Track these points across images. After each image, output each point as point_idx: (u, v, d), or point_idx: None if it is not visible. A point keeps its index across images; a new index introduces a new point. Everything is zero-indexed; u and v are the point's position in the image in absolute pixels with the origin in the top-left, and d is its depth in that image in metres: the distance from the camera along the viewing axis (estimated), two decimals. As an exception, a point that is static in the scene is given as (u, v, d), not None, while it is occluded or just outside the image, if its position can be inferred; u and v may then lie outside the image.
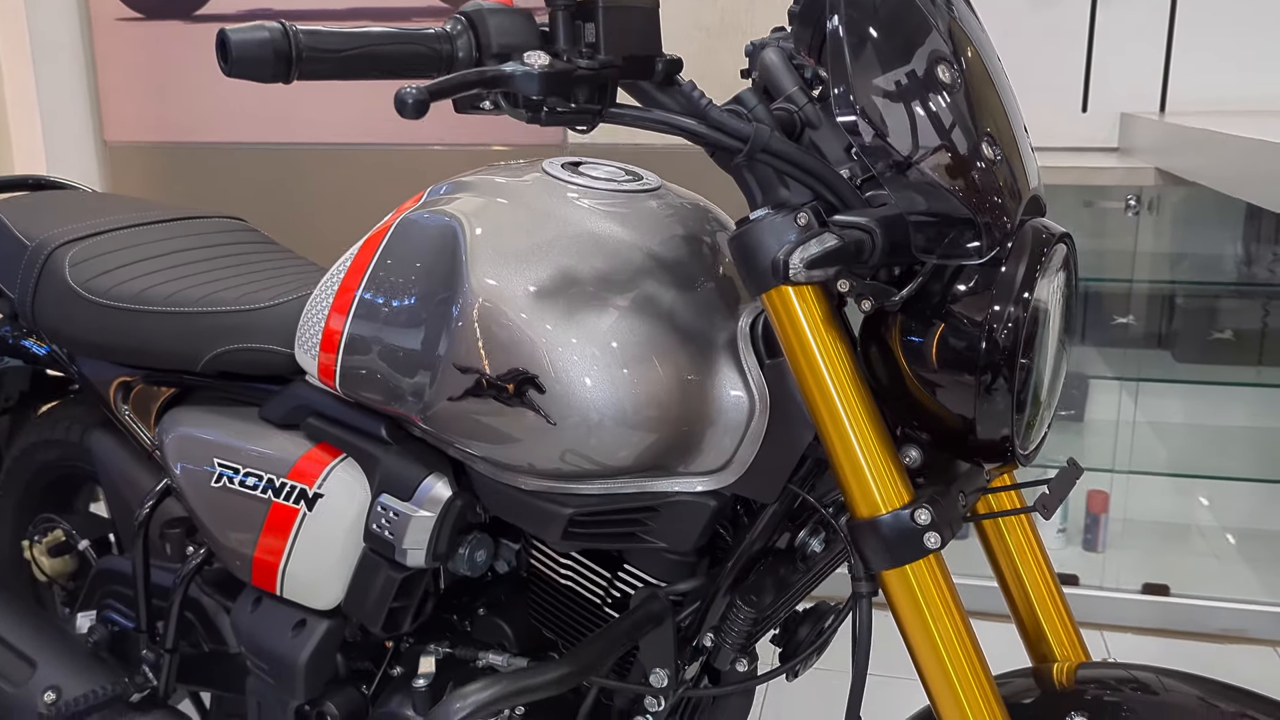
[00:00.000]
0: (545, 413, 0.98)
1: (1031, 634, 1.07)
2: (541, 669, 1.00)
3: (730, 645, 1.02)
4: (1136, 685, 0.95)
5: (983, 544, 1.08)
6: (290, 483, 1.25)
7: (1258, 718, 0.91)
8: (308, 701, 1.28)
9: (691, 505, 1.03)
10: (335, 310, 1.18)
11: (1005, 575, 1.07)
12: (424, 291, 1.07)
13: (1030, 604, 1.06)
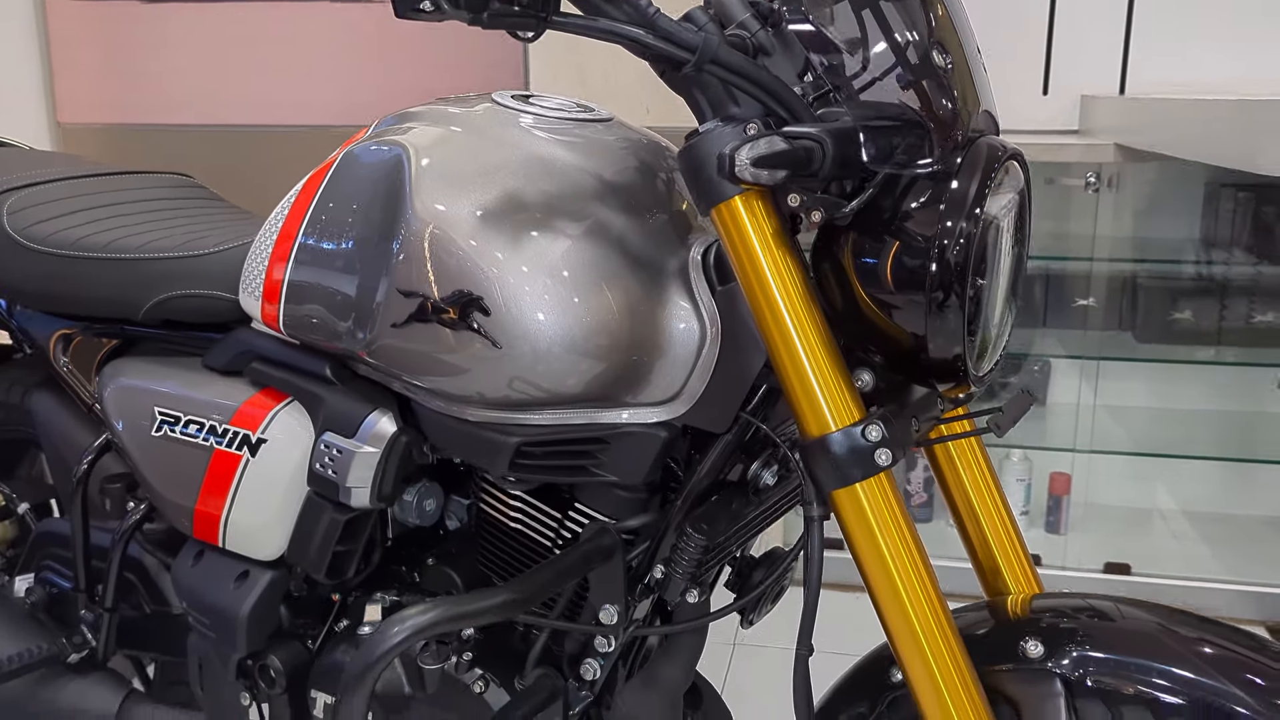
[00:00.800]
0: (491, 336, 0.96)
1: (986, 568, 1.05)
2: (485, 594, 0.97)
3: (680, 574, 1.00)
4: (1093, 613, 0.94)
5: (936, 476, 1.07)
6: (233, 429, 1.21)
7: (1217, 643, 0.90)
8: (250, 655, 1.24)
9: (642, 437, 1.00)
10: (279, 248, 1.15)
11: (959, 508, 1.05)
12: (369, 220, 1.05)
13: (984, 537, 1.05)
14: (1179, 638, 0.90)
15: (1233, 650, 0.88)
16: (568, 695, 1.10)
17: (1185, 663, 0.87)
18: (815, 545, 0.92)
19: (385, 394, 1.10)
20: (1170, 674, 0.87)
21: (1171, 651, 0.88)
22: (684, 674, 1.08)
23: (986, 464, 1.06)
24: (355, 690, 0.91)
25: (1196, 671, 0.87)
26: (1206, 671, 0.87)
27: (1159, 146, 1.92)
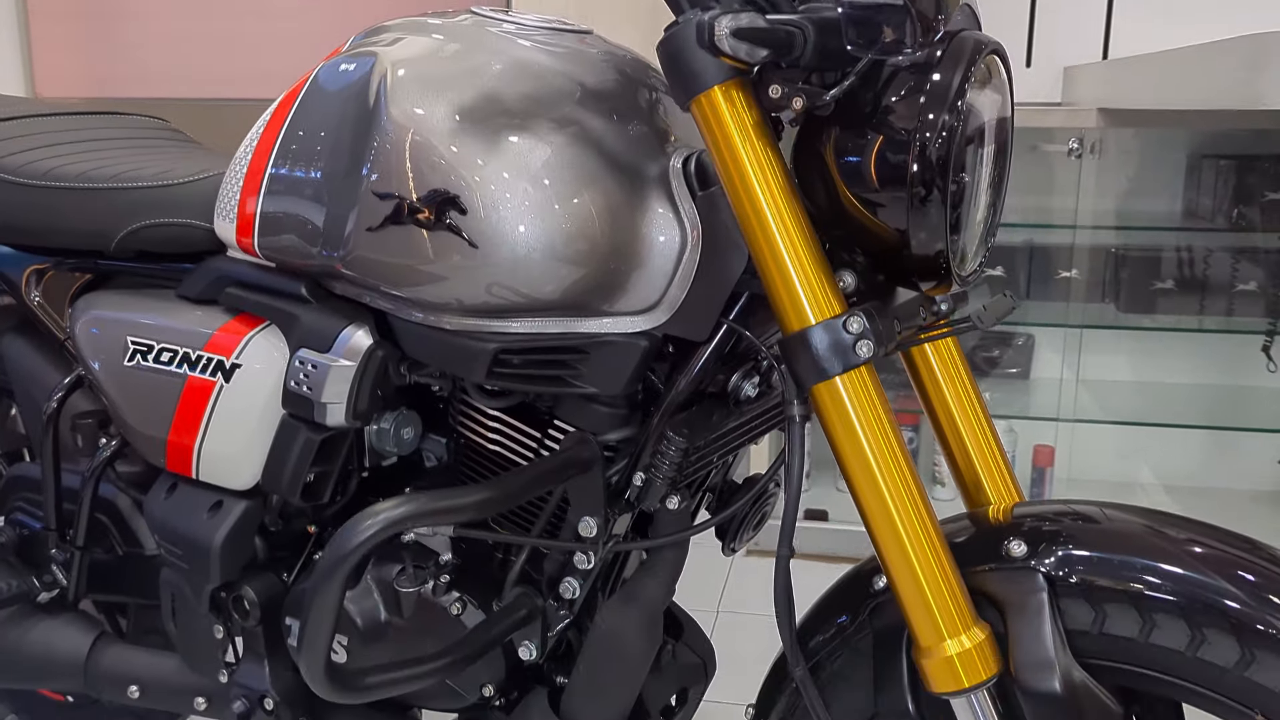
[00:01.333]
0: (467, 235, 0.94)
1: (968, 480, 1.04)
2: (461, 491, 0.95)
3: (660, 479, 0.98)
4: (1078, 516, 0.93)
5: (917, 387, 1.05)
6: (207, 355, 1.19)
7: (1206, 542, 0.88)
8: (224, 587, 1.22)
9: (622, 346, 0.99)
10: (254, 168, 1.13)
11: (940, 420, 1.04)
12: (344, 129, 1.03)
13: (965, 448, 1.04)
14: (1167, 537, 0.89)
15: (1223, 549, 0.87)
16: (546, 615, 1.09)
17: (1173, 559, 0.86)
18: (796, 446, 0.90)
19: (362, 310, 1.09)
20: (1156, 570, 0.86)
21: (1158, 549, 0.87)
22: (664, 590, 1.06)
23: (967, 375, 1.04)
24: (327, 583, 0.89)
25: (1184, 567, 0.85)
26: (1195, 568, 0.85)
27: (1143, 103, 1.91)
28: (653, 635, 1.06)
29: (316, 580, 0.89)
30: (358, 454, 1.20)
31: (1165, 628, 0.85)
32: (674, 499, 1.00)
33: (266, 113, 1.15)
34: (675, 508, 1.00)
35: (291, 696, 1.22)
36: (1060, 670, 0.85)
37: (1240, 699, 0.84)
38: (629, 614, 1.05)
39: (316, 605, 0.89)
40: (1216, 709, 0.86)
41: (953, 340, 1.05)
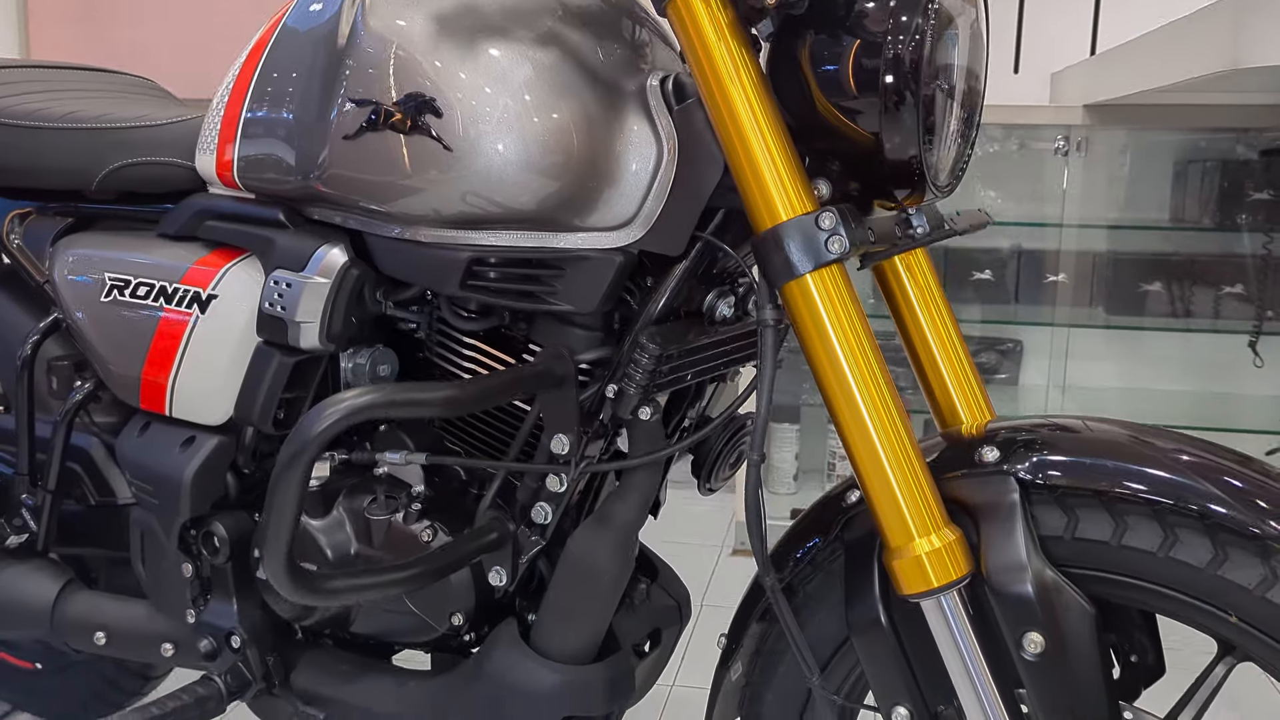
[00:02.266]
0: (443, 139, 0.94)
1: (941, 401, 1.03)
2: (428, 387, 0.94)
3: (632, 387, 0.97)
4: (1054, 426, 0.92)
5: (891, 309, 1.05)
6: (183, 288, 1.19)
7: (1191, 451, 0.87)
8: (194, 524, 1.21)
9: (597, 262, 0.99)
10: (233, 98, 1.14)
11: (914, 341, 1.04)
12: (322, 49, 1.04)
13: (938, 368, 1.03)
14: (1140, 442, 0.88)
15: (1196, 453, 0.86)
16: (518, 541, 1.07)
17: (1145, 461, 0.85)
18: (769, 352, 0.90)
19: (338, 232, 1.08)
20: (1128, 472, 0.85)
21: (1130, 453, 0.86)
22: (636, 514, 1.05)
23: (941, 298, 1.04)
24: (290, 471, 0.88)
25: (1156, 468, 0.84)
26: (1167, 469, 0.84)
27: (1127, 89, 1.93)
28: (624, 560, 1.04)
29: (280, 468, 0.88)
30: (332, 390, 1.19)
31: (1137, 530, 0.84)
32: (645, 409, 0.99)
33: (245, 47, 1.15)
34: (647, 419, 0.99)
35: (259, 634, 1.20)
36: (1032, 572, 0.84)
37: (1213, 600, 0.83)
38: (600, 537, 1.03)
39: (279, 493, 0.88)
40: (1190, 614, 0.85)
41: (928, 263, 1.05)
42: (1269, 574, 0.81)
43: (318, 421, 0.87)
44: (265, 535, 0.89)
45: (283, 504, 0.88)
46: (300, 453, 0.87)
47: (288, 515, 0.88)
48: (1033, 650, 0.83)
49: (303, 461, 0.87)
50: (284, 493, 0.88)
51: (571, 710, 1.04)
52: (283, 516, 0.88)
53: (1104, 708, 0.83)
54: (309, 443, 0.87)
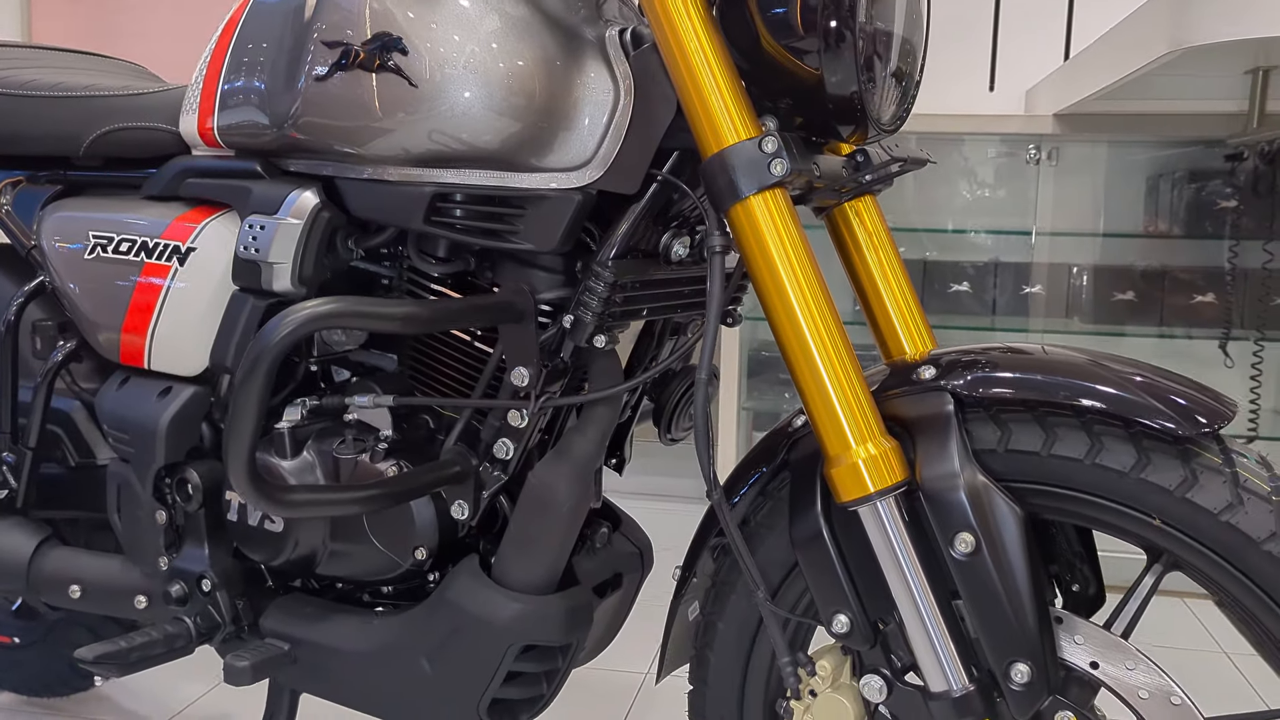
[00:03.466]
0: (409, 76, 0.99)
1: (885, 334, 1.07)
2: (388, 302, 0.98)
3: (588, 315, 1.01)
4: (991, 349, 0.95)
5: (839, 250, 1.09)
6: (164, 242, 1.23)
7: (1133, 369, 0.90)
8: (168, 471, 1.24)
9: (556, 201, 1.03)
10: (214, 61, 1.19)
11: (860, 278, 1.08)
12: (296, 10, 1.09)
13: (884, 303, 1.07)
14: (1076, 361, 0.91)
15: (1134, 371, 0.89)
16: (479, 477, 1.11)
17: (1074, 373, 0.88)
18: (716, 278, 0.94)
19: (312, 180, 1.13)
20: (1057, 384, 0.88)
21: (1065, 368, 0.89)
22: (594, 448, 1.08)
23: (890, 242, 1.08)
24: (251, 376, 0.91)
25: (1084, 379, 0.88)
26: (1105, 382, 0.87)
27: (1093, 89, 1.99)
28: (582, 492, 1.07)
29: (241, 374, 0.91)
30: (305, 343, 1.23)
31: (1066, 440, 0.88)
32: (600, 338, 1.03)
33: (226, 15, 1.21)
34: (602, 345, 1.03)
35: (229, 579, 1.22)
36: (963, 477, 0.87)
37: (1137, 504, 0.86)
38: (559, 469, 1.07)
39: (241, 398, 0.91)
40: (1117, 522, 0.88)
41: (876, 210, 1.10)
42: (1189, 476, 0.84)
43: (279, 328, 0.91)
44: (229, 441, 0.92)
45: (245, 409, 0.91)
46: (261, 357, 0.91)
47: (250, 421, 0.91)
48: (963, 550, 0.86)
49: (263, 366, 0.91)
50: (246, 398, 0.91)
51: (530, 638, 1.07)
52: (245, 422, 0.91)
53: (1034, 610, 0.86)
54: (270, 347, 0.91)
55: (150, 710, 1.77)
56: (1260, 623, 0.85)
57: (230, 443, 0.92)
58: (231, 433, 0.92)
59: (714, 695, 1.07)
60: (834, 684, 0.93)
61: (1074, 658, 0.89)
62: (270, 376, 0.92)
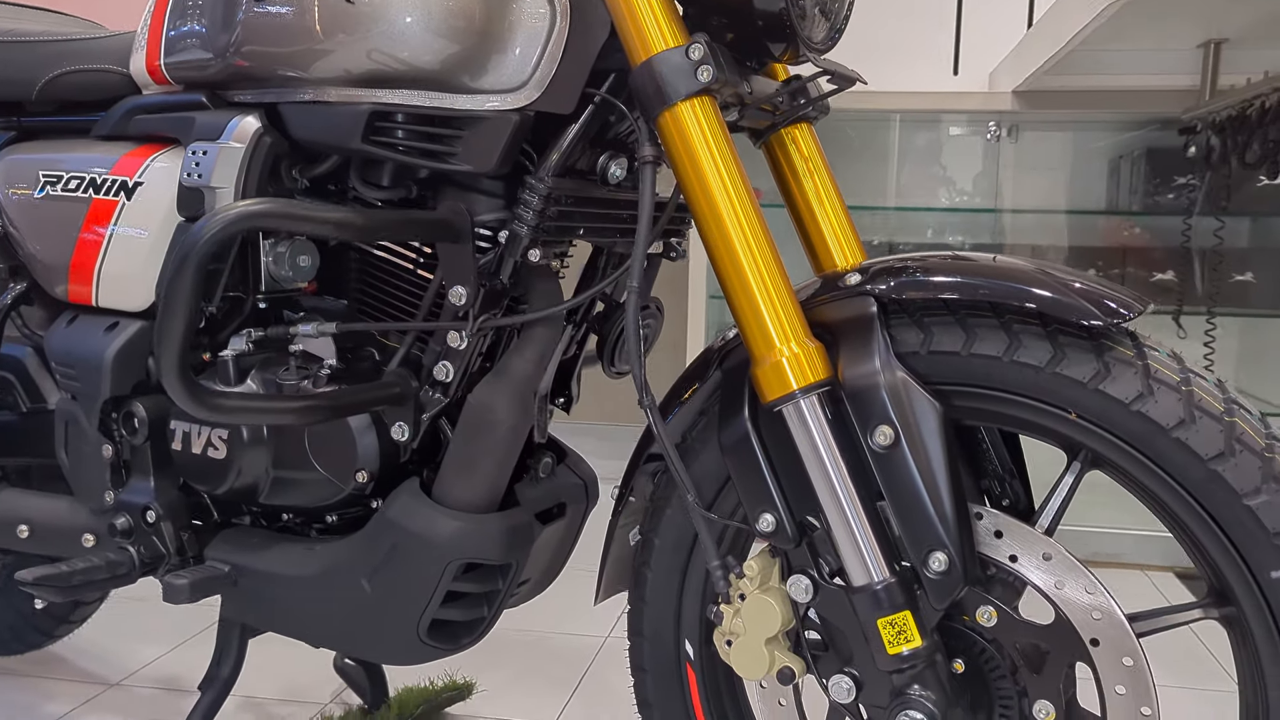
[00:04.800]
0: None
1: (820, 255, 1.09)
2: (324, 207, 0.99)
3: (522, 228, 1.02)
4: (916, 257, 0.96)
5: (775, 173, 1.11)
6: (112, 177, 1.24)
7: (1022, 264, 0.92)
8: (115, 405, 1.25)
9: (494, 122, 1.04)
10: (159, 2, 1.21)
11: (795, 198, 1.10)
12: None
13: (816, 221, 1.09)
14: (997, 264, 0.92)
15: (1051, 271, 0.90)
16: (420, 400, 1.12)
17: (1000, 276, 0.90)
18: (647, 188, 0.96)
19: (255, 108, 1.14)
20: (977, 286, 0.90)
21: (985, 270, 0.91)
22: (533, 368, 1.09)
23: (822, 160, 1.10)
24: (181, 272, 0.92)
25: (1010, 280, 0.89)
26: (1022, 281, 0.89)
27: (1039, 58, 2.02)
28: (521, 412, 1.08)
29: (171, 273, 0.92)
30: (253, 278, 1.24)
31: (985, 338, 0.90)
32: (535, 252, 1.04)
33: None
34: (536, 260, 1.04)
35: (174, 511, 1.23)
36: (883, 373, 0.89)
37: (1054, 400, 0.88)
38: (497, 388, 1.08)
39: (171, 295, 0.92)
40: (1036, 420, 0.90)
41: (812, 136, 1.12)
42: (1102, 368, 0.86)
43: (209, 224, 0.92)
44: (159, 341, 0.93)
45: (174, 307, 0.92)
46: (190, 254, 0.92)
47: (180, 319, 0.92)
48: (882, 442, 0.88)
49: (192, 263, 0.91)
50: (175, 295, 0.92)
51: (468, 555, 1.08)
52: (175, 320, 0.92)
53: (952, 502, 0.87)
54: (199, 244, 0.92)
55: (107, 671, 1.76)
56: (1174, 513, 0.86)
57: (160, 342, 0.93)
58: (162, 332, 0.92)
59: (651, 611, 1.08)
60: (762, 586, 0.94)
61: (994, 553, 0.90)
62: (199, 274, 0.92)
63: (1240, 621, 0.85)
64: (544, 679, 1.77)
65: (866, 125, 2.66)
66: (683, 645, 1.07)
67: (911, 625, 0.88)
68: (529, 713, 1.64)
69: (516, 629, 1.99)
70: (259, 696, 1.67)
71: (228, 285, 1.22)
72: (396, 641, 1.13)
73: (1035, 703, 0.90)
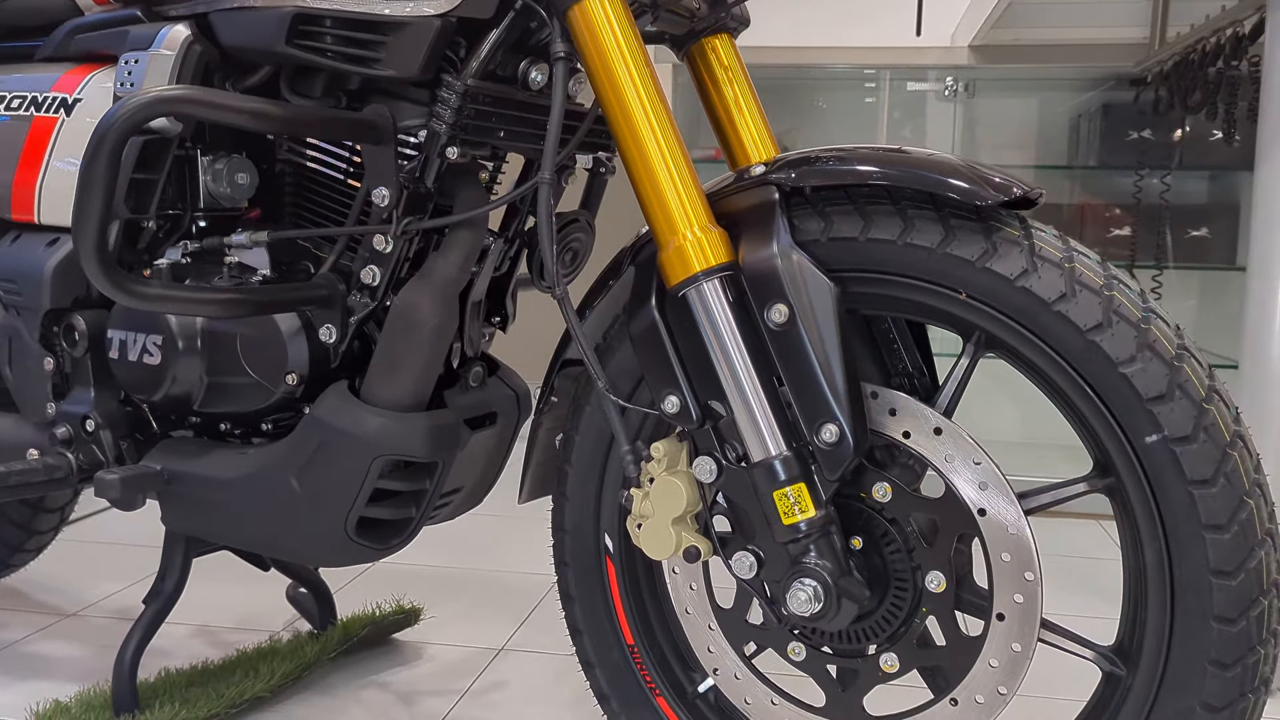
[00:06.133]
0: None
1: (735, 153, 1.12)
2: (241, 97, 1.02)
3: (441, 126, 1.05)
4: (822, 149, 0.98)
5: (699, 89, 1.14)
6: (52, 95, 1.27)
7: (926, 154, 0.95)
8: (55, 318, 1.27)
9: (417, 27, 1.07)
10: None
11: (716, 107, 1.13)
12: None
13: (736, 128, 1.12)
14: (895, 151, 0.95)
15: (942, 159, 0.93)
16: (348, 304, 1.14)
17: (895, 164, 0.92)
18: (560, 83, 0.99)
19: (186, 19, 1.17)
20: (872, 173, 0.92)
21: (882, 159, 0.93)
22: (456, 270, 1.11)
23: (741, 70, 1.13)
24: (98, 153, 0.94)
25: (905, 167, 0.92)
26: (915, 167, 0.91)
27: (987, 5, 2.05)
28: (445, 313, 1.11)
29: (87, 155, 0.94)
30: (192, 195, 1.26)
31: (881, 223, 0.93)
32: (453, 149, 1.07)
33: None
34: (454, 158, 1.07)
35: (113, 420, 1.26)
36: (780, 254, 0.92)
37: (945, 281, 0.91)
38: (421, 289, 1.10)
39: (86, 177, 0.94)
40: (930, 303, 0.92)
41: (732, 47, 1.15)
42: (989, 247, 0.89)
43: (124, 106, 0.94)
44: (77, 224, 0.95)
45: (90, 188, 0.94)
46: (106, 135, 0.94)
47: (96, 201, 0.94)
48: (778, 320, 0.91)
49: (108, 144, 0.94)
50: (91, 177, 0.94)
51: (393, 450, 1.10)
52: (92, 202, 0.94)
53: (844, 377, 0.90)
54: (114, 125, 0.94)
55: (63, 602, 1.79)
56: (1059, 388, 0.89)
57: (78, 225, 0.95)
58: (79, 214, 0.95)
59: (572, 507, 1.11)
60: (670, 469, 0.97)
61: (887, 430, 0.93)
62: (115, 156, 0.95)
63: (1120, 491, 0.89)
64: (494, 610, 1.80)
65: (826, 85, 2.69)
66: (602, 539, 1.10)
67: (806, 496, 0.91)
68: (477, 641, 1.67)
69: (471, 568, 2.02)
70: (213, 625, 1.69)
71: (168, 202, 1.25)
72: (326, 540, 1.15)
73: (928, 574, 0.93)
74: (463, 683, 1.52)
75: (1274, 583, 0.85)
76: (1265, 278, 1.49)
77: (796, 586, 0.92)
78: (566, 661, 1.21)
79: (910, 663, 0.96)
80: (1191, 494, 0.83)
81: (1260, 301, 1.49)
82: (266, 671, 1.43)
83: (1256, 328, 1.50)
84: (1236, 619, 0.83)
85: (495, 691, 1.50)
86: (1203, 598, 0.84)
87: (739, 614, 1.03)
